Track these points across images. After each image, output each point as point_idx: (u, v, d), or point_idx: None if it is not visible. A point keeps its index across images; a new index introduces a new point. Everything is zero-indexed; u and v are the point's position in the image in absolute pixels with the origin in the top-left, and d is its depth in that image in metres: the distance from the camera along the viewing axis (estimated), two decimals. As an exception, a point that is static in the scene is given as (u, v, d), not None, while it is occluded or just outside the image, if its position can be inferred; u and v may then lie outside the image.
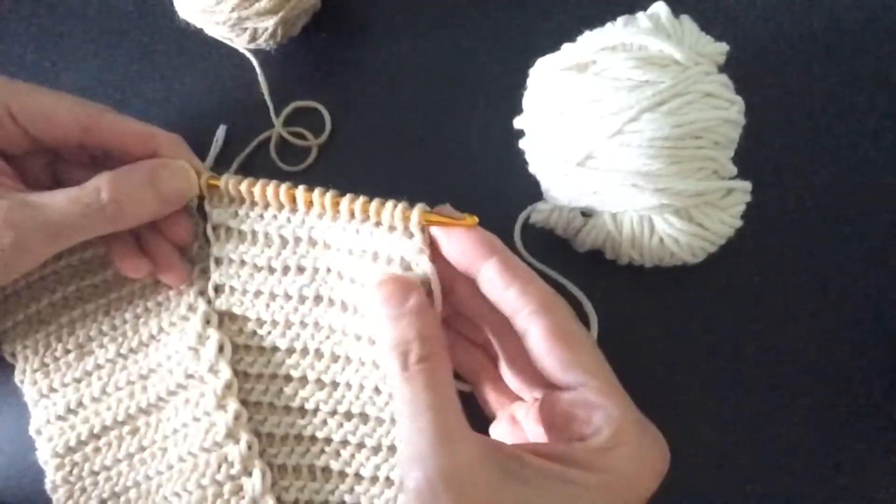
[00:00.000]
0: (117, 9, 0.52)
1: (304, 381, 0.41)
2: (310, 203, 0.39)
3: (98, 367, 0.43)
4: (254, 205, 0.41)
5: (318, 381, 0.41)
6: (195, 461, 0.40)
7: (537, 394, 0.38)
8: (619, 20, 0.41)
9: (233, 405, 0.41)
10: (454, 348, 0.41)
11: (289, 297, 0.41)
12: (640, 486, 0.34)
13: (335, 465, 0.40)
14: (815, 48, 0.48)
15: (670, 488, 0.36)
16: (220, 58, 0.50)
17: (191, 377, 0.42)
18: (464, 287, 0.39)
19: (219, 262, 0.42)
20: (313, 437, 0.41)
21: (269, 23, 0.44)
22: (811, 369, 0.44)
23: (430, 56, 0.49)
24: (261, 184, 0.40)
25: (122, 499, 0.41)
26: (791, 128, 0.47)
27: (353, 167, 0.48)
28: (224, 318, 0.42)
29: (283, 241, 0.41)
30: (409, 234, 0.38)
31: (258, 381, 0.42)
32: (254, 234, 0.41)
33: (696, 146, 0.38)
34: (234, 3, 0.43)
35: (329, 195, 0.39)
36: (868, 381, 0.43)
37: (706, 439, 0.43)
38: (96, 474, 0.42)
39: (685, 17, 0.41)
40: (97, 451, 0.42)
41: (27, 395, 0.43)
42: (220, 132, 0.48)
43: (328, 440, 0.41)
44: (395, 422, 0.39)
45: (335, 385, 0.41)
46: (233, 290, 0.42)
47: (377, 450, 0.40)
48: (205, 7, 0.44)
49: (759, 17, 0.49)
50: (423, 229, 0.37)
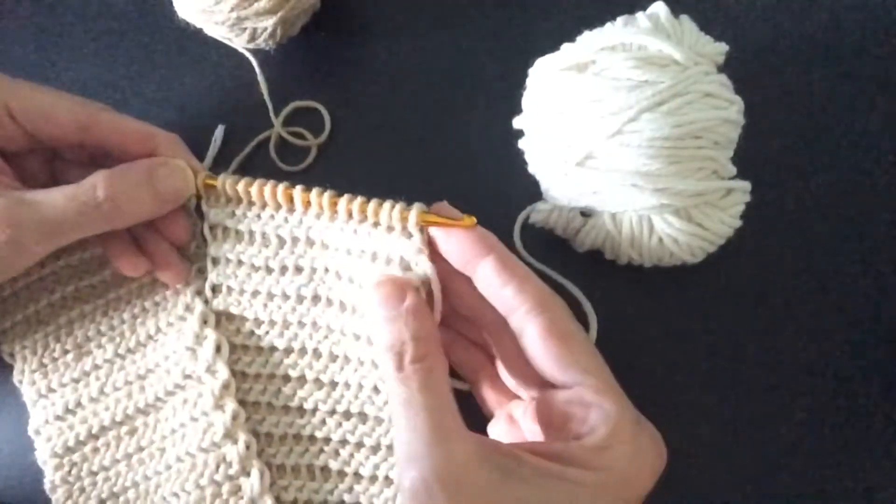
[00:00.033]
0: (117, 9, 0.52)
1: (302, 380, 0.41)
2: (307, 203, 0.39)
3: (96, 367, 0.43)
4: (251, 205, 0.41)
5: (317, 380, 0.41)
6: (193, 461, 0.40)
7: (534, 392, 0.38)
8: (619, 20, 0.41)
9: (230, 405, 0.41)
10: (452, 347, 0.41)
11: (286, 296, 0.41)
12: (638, 484, 0.34)
13: (334, 465, 0.40)
14: (815, 48, 0.48)
15: (670, 488, 0.35)
16: (219, 58, 0.50)
17: (188, 377, 0.42)
18: (461, 285, 0.39)
19: (216, 261, 0.42)
20: (312, 437, 0.41)
21: (269, 22, 0.44)
22: (811, 369, 0.44)
23: (430, 56, 0.49)
24: (258, 183, 0.40)
25: (121, 499, 0.41)
26: (791, 128, 0.47)
27: (353, 167, 0.48)
28: (221, 318, 0.42)
29: (281, 241, 0.41)
30: (408, 235, 0.37)
31: (256, 381, 0.42)
32: (251, 233, 0.41)
33: (696, 146, 0.38)
34: (234, 3, 0.43)
35: (326, 195, 0.39)
36: (868, 381, 0.43)
37: (706, 439, 0.43)
38: (95, 474, 0.42)
39: (685, 17, 0.41)
40: (96, 451, 0.42)
41: (26, 396, 0.43)
42: (219, 132, 0.48)
43: (327, 439, 0.41)
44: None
45: (334, 384, 0.41)
46: (230, 289, 0.42)
47: (376, 449, 0.40)
48: (204, 7, 0.44)
49: (759, 17, 0.49)
50: (421, 229, 0.37)
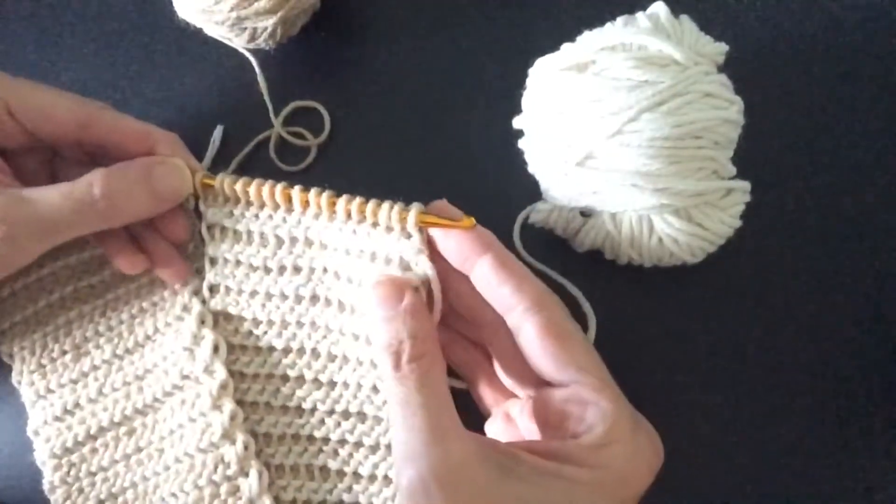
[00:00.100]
0: (117, 9, 0.52)
1: (300, 380, 0.41)
2: (306, 203, 0.39)
3: (94, 367, 0.43)
4: (249, 204, 0.40)
5: (316, 380, 0.41)
6: (192, 462, 0.40)
7: (531, 391, 0.38)
8: (619, 20, 0.41)
9: (228, 406, 0.40)
10: (450, 345, 0.41)
11: (285, 296, 0.41)
12: (635, 482, 0.34)
13: (333, 464, 0.40)
14: (815, 48, 0.48)
15: (670, 488, 0.35)
16: (219, 57, 0.50)
17: (186, 378, 0.42)
18: (459, 284, 0.39)
19: (214, 261, 0.42)
20: (311, 437, 0.41)
21: (269, 22, 0.44)
22: (811, 369, 0.43)
23: (430, 56, 0.49)
24: (256, 183, 0.40)
25: (120, 500, 0.41)
26: (791, 128, 0.47)
27: (353, 167, 0.48)
28: (219, 319, 0.42)
29: (279, 242, 0.41)
30: (407, 235, 0.37)
31: (255, 381, 0.42)
32: (249, 234, 0.41)
33: (696, 146, 0.38)
34: (234, 3, 0.43)
35: (325, 195, 0.39)
36: (868, 381, 0.43)
37: (706, 439, 0.43)
38: (94, 475, 0.42)
39: (685, 17, 0.41)
40: (94, 451, 0.42)
41: (24, 396, 0.43)
42: (218, 132, 0.48)
43: (326, 439, 0.41)
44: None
45: (332, 384, 0.41)
46: (228, 290, 0.42)
47: (375, 448, 0.40)
48: (204, 7, 0.44)
49: (758, 17, 0.49)
50: (420, 229, 0.37)
